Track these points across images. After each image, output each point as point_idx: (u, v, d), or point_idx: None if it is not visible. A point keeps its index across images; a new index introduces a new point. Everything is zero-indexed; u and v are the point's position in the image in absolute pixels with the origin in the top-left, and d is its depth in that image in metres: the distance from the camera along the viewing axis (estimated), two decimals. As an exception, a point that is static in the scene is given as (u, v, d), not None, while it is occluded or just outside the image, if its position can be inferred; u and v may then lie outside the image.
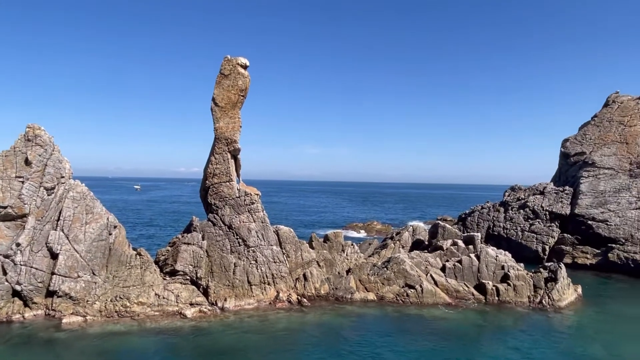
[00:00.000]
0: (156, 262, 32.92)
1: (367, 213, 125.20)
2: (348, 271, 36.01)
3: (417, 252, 40.00)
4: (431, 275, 34.92)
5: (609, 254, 46.58)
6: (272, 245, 33.18)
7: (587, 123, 57.27)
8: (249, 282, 31.61)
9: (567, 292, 34.41)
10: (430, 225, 53.67)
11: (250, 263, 32.08)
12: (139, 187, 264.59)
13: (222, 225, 32.83)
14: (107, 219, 30.36)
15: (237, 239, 32.52)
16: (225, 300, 30.49)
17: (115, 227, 30.54)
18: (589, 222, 49.41)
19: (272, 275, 32.41)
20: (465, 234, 42.77)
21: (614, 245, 46.91)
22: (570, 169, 56.51)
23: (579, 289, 36.21)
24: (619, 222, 47.66)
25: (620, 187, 49.52)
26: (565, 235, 50.77)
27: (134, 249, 32.28)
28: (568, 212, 51.76)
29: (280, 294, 32.04)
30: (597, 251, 47.97)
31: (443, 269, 36.07)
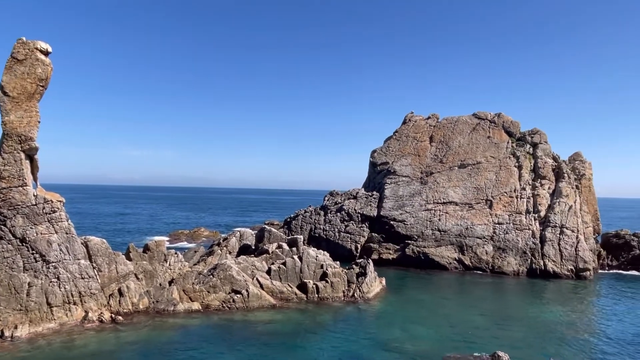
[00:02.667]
0: None
1: (193, 220, 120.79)
2: (171, 282, 34.05)
3: (244, 257, 40.30)
4: (257, 279, 35.53)
5: (406, 249, 54.76)
6: (79, 260, 29.14)
7: (390, 137, 66.38)
8: (48, 303, 27.08)
9: (374, 285, 39.15)
10: (257, 230, 54.66)
11: (51, 281, 27.55)
12: None
13: (12, 238, 27.42)
14: None
15: (32, 254, 27.56)
16: (16, 327, 25.47)
17: None
18: (391, 222, 57.26)
19: (79, 293, 28.46)
20: (290, 237, 44.92)
21: (409, 241, 55.35)
22: (377, 176, 64.66)
23: (384, 281, 41.64)
24: (413, 222, 56.46)
25: (414, 192, 58.79)
26: (373, 234, 57.78)
27: None
28: (375, 214, 59.03)
29: (90, 314, 28.34)
30: (397, 247, 55.91)
31: (269, 271, 37.08)
